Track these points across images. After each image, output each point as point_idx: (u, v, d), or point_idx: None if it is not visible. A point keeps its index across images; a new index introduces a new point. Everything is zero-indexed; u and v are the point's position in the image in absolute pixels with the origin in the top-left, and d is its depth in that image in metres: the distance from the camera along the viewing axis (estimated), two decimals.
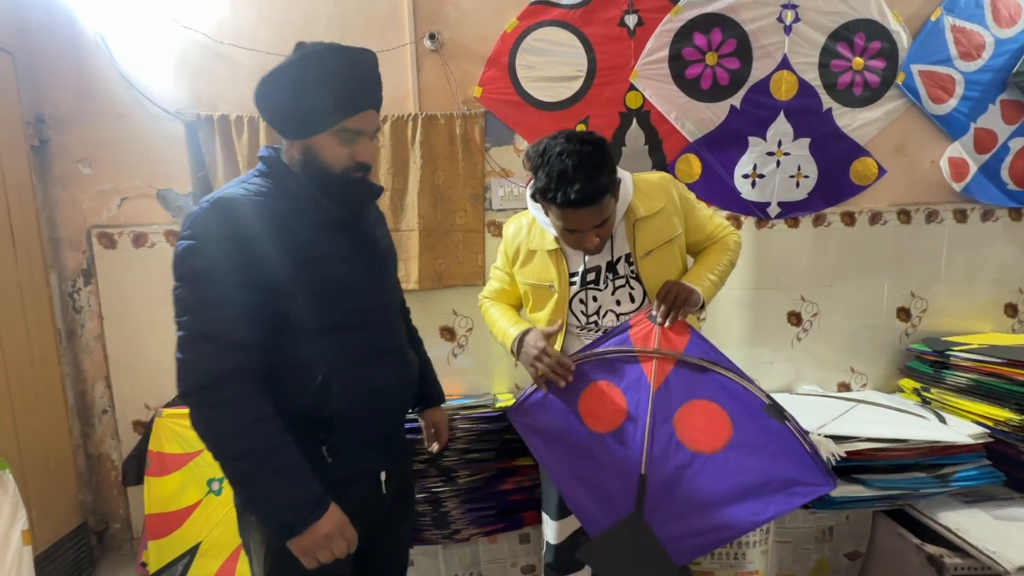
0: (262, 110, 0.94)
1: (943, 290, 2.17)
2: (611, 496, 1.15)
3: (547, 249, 1.27)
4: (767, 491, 1.08)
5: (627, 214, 1.24)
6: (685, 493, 1.11)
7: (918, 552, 1.50)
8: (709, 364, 1.14)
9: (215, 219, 0.88)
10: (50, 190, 1.97)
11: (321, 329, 0.93)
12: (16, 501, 1.42)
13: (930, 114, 2.05)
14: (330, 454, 0.94)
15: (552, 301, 1.29)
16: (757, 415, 1.10)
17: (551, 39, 1.96)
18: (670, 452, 1.13)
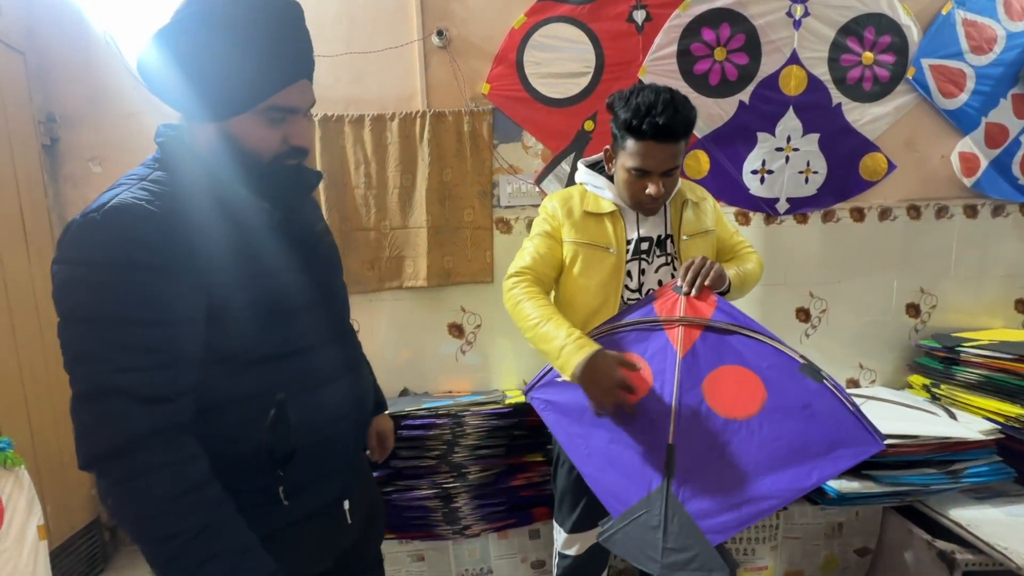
0: (149, 82, 0.72)
1: (953, 286, 2.15)
2: (638, 470, 1.05)
3: (605, 211, 1.27)
4: (809, 455, 0.98)
5: (675, 198, 1.29)
6: (718, 462, 1.01)
7: (929, 548, 1.50)
8: (738, 328, 1.08)
9: (107, 236, 0.66)
10: (61, 189, 1.98)
11: (265, 357, 0.76)
12: (31, 497, 1.44)
13: (940, 108, 2.04)
14: (287, 495, 0.78)
15: (608, 265, 1.25)
16: (793, 376, 1.03)
17: (559, 35, 1.95)
18: (700, 419, 1.04)
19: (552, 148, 2.04)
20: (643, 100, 1.12)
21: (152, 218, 0.67)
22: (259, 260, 0.76)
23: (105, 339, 0.66)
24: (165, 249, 0.67)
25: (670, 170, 1.17)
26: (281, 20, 0.71)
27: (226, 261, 0.72)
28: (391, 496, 1.50)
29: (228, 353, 0.74)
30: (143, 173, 0.74)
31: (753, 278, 1.35)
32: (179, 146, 0.76)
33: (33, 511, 1.43)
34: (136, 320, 0.66)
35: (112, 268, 0.66)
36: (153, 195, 0.69)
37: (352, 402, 0.88)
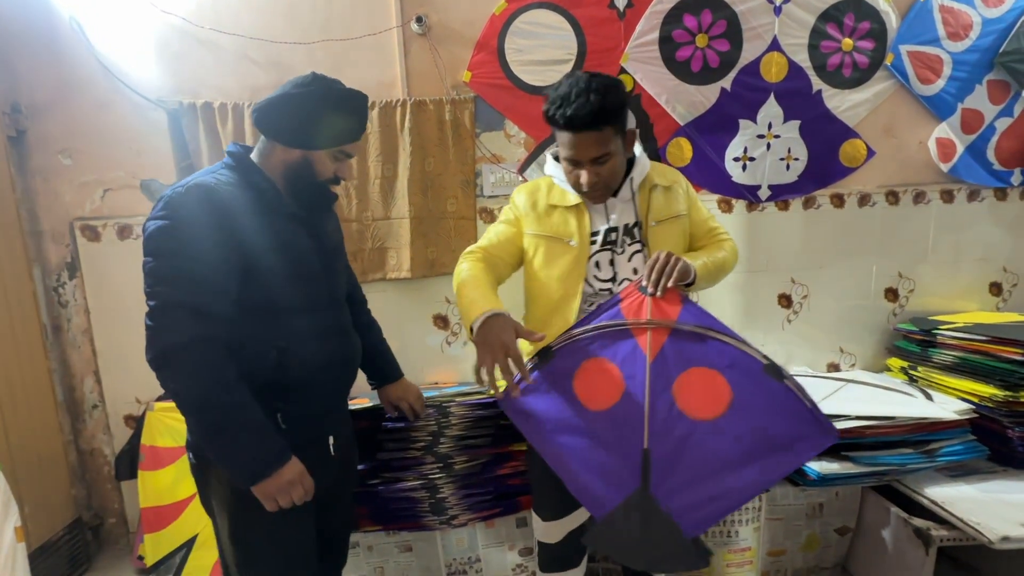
0: (268, 117, 1.05)
1: (930, 270, 2.20)
2: (615, 474, 1.12)
3: (570, 204, 1.26)
4: (772, 450, 1.07)
5: (644, 182, 1.27)
6: (690, 462, 1.09)
7: (905, 525, 1.54)
8: (704, 330, 1.12)
9: (191, 202, 0.97)
10: (30, 182, 1.92)
11: (279, 309, 1.04)
12: (7, 498, 1.40)
13: (918, 95, 2.06)
14: (284, 422, 1.04)
15: (569, 258, 1.25)
16: (756, 377, 1.09)
17: (540, 21, 1.93)
18: (671, 423, 1.10)
19: (535, 136, 2.02)
20: (560, 91, 1.12)
21: (217, 196, 0.99)
22: (284, 237, 1.05)
23: (177, 269, 0.94)
24: (221, 217, 0.97)
25: (598, 158, 1.15)
26: (359, 102, 1.10)
27: (261, 232, 1.01)
28: (377, 488, 1.50)
29: (248, 303, 1.00)
30: (216, 169, 1.06)
31: (725, 267, 1.31)
32: (244, 158, 1.08)
33: (9, 512, 1.40)
34: (198, 259, 0.95)
35: (187, 223, 0.95)
36: (220, 183, 1.01)
37: (340, 358, 1.14)
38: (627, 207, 1.27)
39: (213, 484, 1.07)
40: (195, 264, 0.94)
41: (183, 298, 0.93)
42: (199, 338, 0.93)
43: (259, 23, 1.88)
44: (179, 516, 1.85)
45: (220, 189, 1.00)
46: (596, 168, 1.16)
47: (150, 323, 0.95)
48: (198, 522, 1.85)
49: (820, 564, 1.79)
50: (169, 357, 0.93)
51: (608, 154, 1.15)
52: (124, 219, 1.95)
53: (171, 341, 0.93)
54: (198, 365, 0.93)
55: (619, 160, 1.19)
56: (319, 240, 1.12)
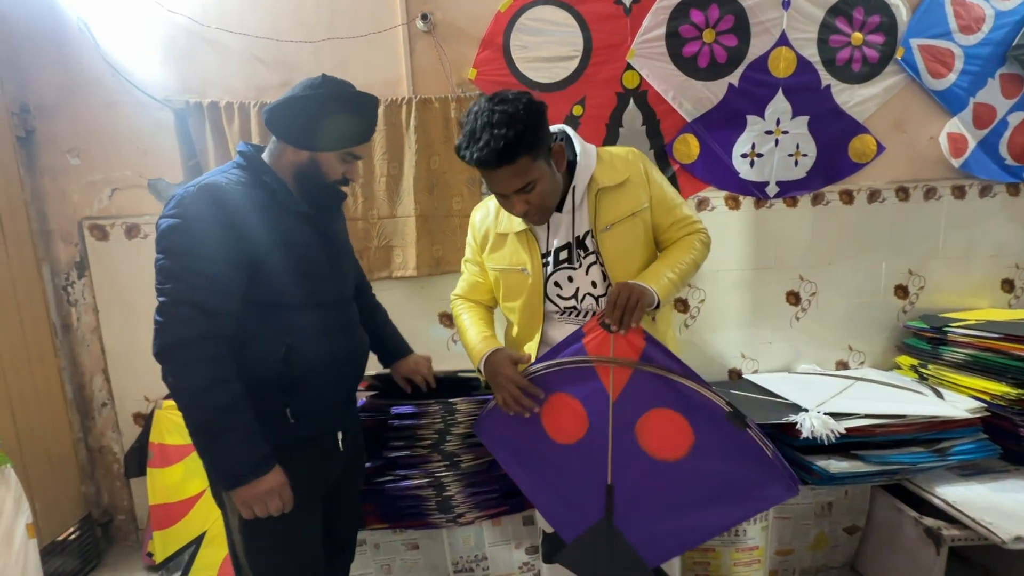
0: (278, 119, 1.06)
1: (941, 267, 2.17)
2: (581, 504, 1.17)
3: (516, 231, 1.24)
4: (732, 497, 1.09)
5: (590, 185, 1.20)
6: (652, 500, 1.13)
7: (916, 525, 1.52)
8: (666, 372, 1.10)
9: (202, 201, 0.98)
10: (38, 182, 1.94)
11: (287, 305, 1.06)
12: (19, 495, 1.42)
13: (929, 89, 2.04)
14: (293, 416, 1.07)
15: (526, 286, 1.25)
16: (719, 423, 1.07)
17: (546, 18, 1.92)
18: (634, 461, 1.13)
19: None
20: (467, 127, 1.08)
21: (227, 195, 1.00)
22: (293, 235, 1.06)
23: (186, 267, 0.96)
24: (230, 216, 0.99)
25: (521, 189, 1.10)
26: (369, 105, 1.11)
27: (271, 230, 1.03)
28: (384, 486, 1.50)
29: (258, 299, 1.03)
30: (227, 169, 1.08)
31: (693, 267, 1.24)
32: (255, 157, 1.09)
33: (21, 509, 1.42)
34: (207, 257, 0.96)
35: (197, 222, 0.97)
36: (231, 182, 1.03)
37: (347, 354, 1.16)
38: (574, 218, 1.22)
39: None
40: (204, 263, 0.96)
41: (190, 296, 0.96)
42: (202, 335, 0.96)
43: (265, 22, 1.88)
44: (187, 513, 1.86)
45: (230, 188, 1.01)
46: (524, 197, 1.12)
47: (158, 318, 0.97)
48: (206, 519, 1.86)
49: (829, 563, 1.77)
50: (171, 352, 0.96)
51: (531, 182, 1.10)
52: (132, 218, 1.96)
53: (175, 337, 0.96)
54: (197, 362, 0.96)
55: (548, 182, 1.13)
56: (327, 238, 1.14)
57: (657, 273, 1.18)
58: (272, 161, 1.10)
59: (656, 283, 1.14)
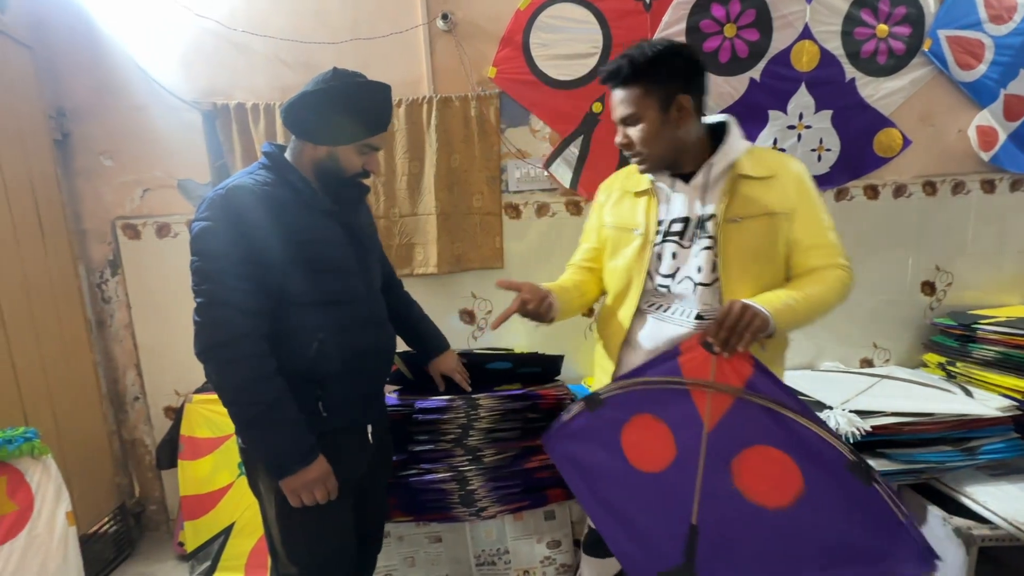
0: (294, 116, 1.08)
1: (969, 263, 2.12)
2: (657, 542, 1.01)
3: (640, 190, 1.20)
4: (846, 562, 0.89)
5: (730, 169, 1.11)
6: (744, 550, 0.95)
7: (944, 524, 1.50)
8: (776, 405, 0.92)
9: (231, 203, 1.02)
10: (74, 183, 2.00)
11: (317, 302, 1.08)
12: (59, 484, 1.48)
13: (958, 81, 1.99)
14: (325, 409, 1.10)
15: (633, 248, 1.18)
16: (836, 472, 0.89)
17: (565, 15, 1.92)
18: (727, 503, 0.95)
19: (560, 131, 2.02)
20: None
21: (254, 196, 1.03)
22: (319, 233, 1.09)
23: (220, 269, 1.00)
24: (261, 216, 1.02)
25: (625, 118, 1.10)
26: (382, 95, 1.11)
27: (298, 229, 1.05)
28: (409, 479, 1.53)
29: (290, 296, 1.05)
30: (251, 170, 1.11)
31: (822, 305, 1.07)
32: (279, 157, 1.12)
33: (61, 498, 1.47)
34: (239, 258, 1.00)
35: (228, 224, 1.00)
36: (258, 183, 1.05)
37: (376, 348, 1.19)
38: (701, 195, 1.13)
39: (261, 469, 1.12)
40: (236, 264, 1.00)
41: (226, 296, 0.99)
42: (240, 335, 0.99)
43: (289, 25, 1.92)
44: (217, 504, 1.92)
45: (257, 189, 1.04)
46: (625, 130, 1.11)
47: (197, 319, 1.01)
48: (235, 510, 1.91)
49: None
50: (212, 352, 1.00)
51: (635, 116, 1.08)
52: (162, 218, 2.02)
53: (215, 337, 0.99)
54: (237, 361, 1.00)
55: (655, 127, 1.08)
56: (353, 234, 1.16)
57: (779, 298, 1.04)
58: (294, 159, 1.12)
59: (771, 306, 1.00)
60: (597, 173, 2.04)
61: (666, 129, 1.09)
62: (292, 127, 1.10)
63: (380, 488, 1.32)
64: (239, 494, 1.91)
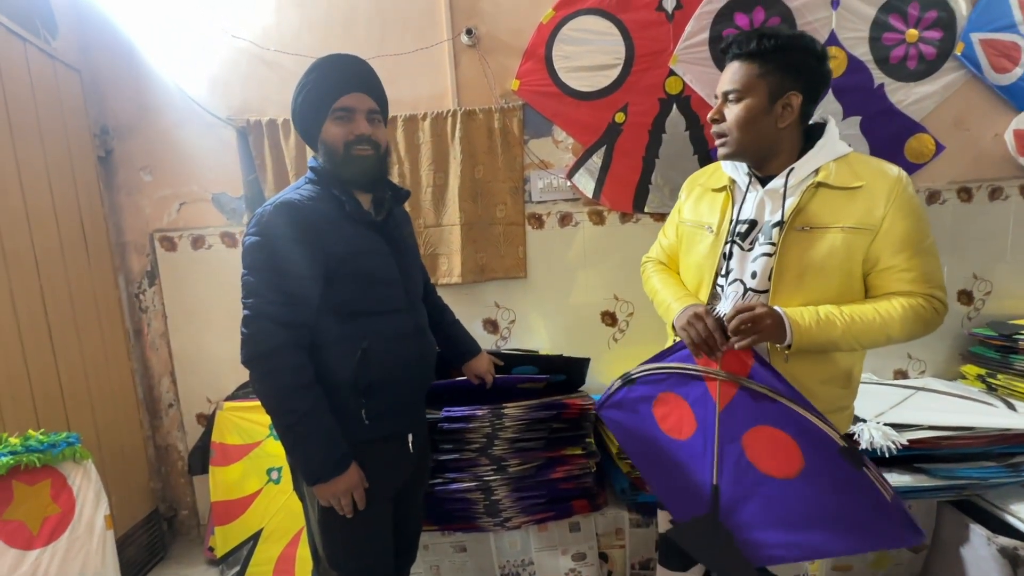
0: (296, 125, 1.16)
1: (1008, 271, 2.05)
2: (691, 496, 1.15)
3: (717, 186, 1.18)
4: (846, 527, 1.00)
5: (812, 176, 1.05)
6: (757, 510, 1.08)
7: (989, 544, 1.44)
8: (773, 393, 1.01)
9: (279, 219, 1.06)
10: (115, 197, 2.09)
11: (361, 312, 1.11)
12: (99, 488, 1.53)
13: (992, 84, 1.94)
14: (367, 417, 1.12)
15: (705, 245, 1.16)
16: (831, 455, 0.98)
17: (588, 28, 1.94)
18: (740, 470, 1.08)
19: (583, 142, 2.03)
20: None
21: (301, 211, 1.07)
22: (363, 244, 1.12)
23: (266, 282, 1.04)
24: (305, 231, 1.05)
25: (729, 92, 1.05)
26: (343, 61, 1.10)
27: (343, 242, 1.09)
28: (434, 488, 1.53)
29: (334, 307, 1.09)
30: (298, 185, 1.14)
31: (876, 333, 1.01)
32: (323, 171, 1.14)
33: (100, 502, 1.52)
34: (285, 272, 1.04)
35: (276, 239, 1.05)
36: (304, 198, 1.09)
37: (418, 357, 1.21)
38: (774, 200, 1.07)
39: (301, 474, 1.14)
40: (282, 278, 1.04)
41: (269, 310, 1.04)
42: (281, 346, 1.04)
43: (319, 43, 1.98)
44: (246, 510, 1.95)
45: (303, 205, 1.08)
46: (724, 106, 1.07)
47: (244, 331, 1.06)
48: (263, 516, 1.95)
49: None
50: (255, 362, 1.05)
51: (741, 93, 1.03)
52: (197, 230, 2.10)
53: (257, 349, 1.04)
54: (278, 372, 1.04)
55: (755, 111, 1.03)
56: (395, 245, 1.18)
57: (815, 313, 1.01)
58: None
59: (803, 323, 0.99)
60: (619, 183, 2.04)
61: (765, 120, 1.04)
62: (303, 137, 1.17)
63: (417, 497, 1.34)
64: (268, 500, 1.95)
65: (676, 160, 2.00)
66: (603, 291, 2.10)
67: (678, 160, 2.00)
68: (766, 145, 1.07)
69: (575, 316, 2.11)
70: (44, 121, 1.74)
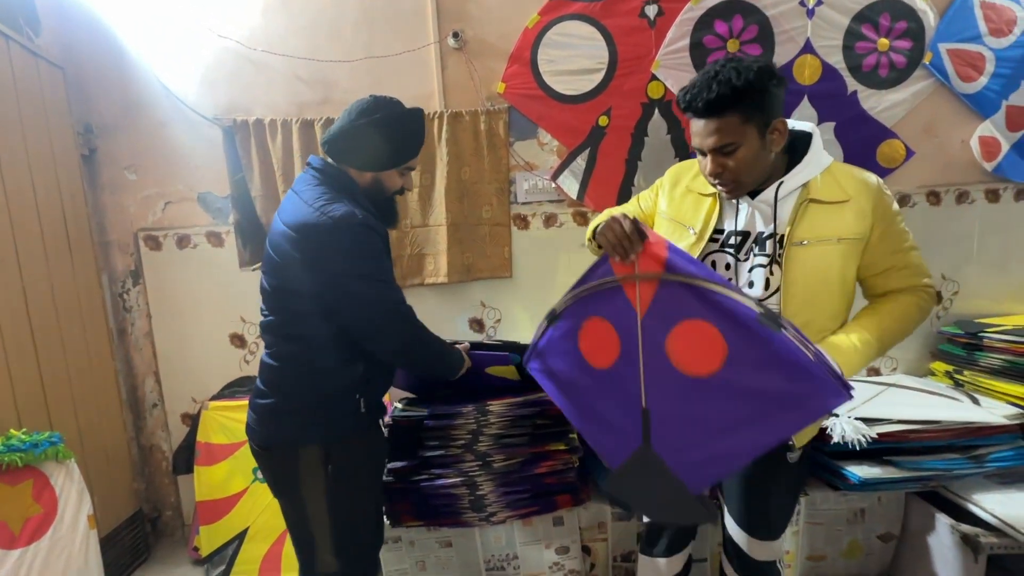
0: (339, 148, 1.22)
1: (975, 272, 2.14)
2: (622, 431, 1.10)
3: (706, 192, 1.19)
4: (776, 408, 0.97)
5: (801, 191, 1.10)
6: (689, 421, 1.04)
7: (952, 532, 1.50)
8: (691, 279, 1.01)
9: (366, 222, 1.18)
10: (99, 196, 2.08)
11: None
12: (81, 488, 1.53)
13: (959, 93, 2.02)
14: (364, 407, 1.25)
15: (686, 244, 1.18)
16: (752, 328, 0.96)
17: (572, 33, 1.99)
18: (667, 381, 1.04)
19: (567, 144, 2.07)
20: (694, 78, 1.06)
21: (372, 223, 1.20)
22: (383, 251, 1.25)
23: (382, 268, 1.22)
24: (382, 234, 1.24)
25: (722, 147, 1.05)
26: (418, 120, 1.26)
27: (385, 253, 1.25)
28: (420, 484, 1.56)
29: None
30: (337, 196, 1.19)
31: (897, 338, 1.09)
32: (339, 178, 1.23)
33: (83, 501, 1.52)
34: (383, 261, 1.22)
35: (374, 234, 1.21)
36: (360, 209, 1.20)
37: None
38: (765, 213, 1.12)
39: (303, 467, 1.21)
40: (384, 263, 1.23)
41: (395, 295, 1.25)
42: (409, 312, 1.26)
43: (306, 44, 2.00)
44: (232, 509, 1.96)
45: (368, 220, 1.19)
46: (720, 159, 1.07)
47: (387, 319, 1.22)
48: (249, 515, 1.95)
49: (864, 572, 1.76)
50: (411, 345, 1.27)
51: (733, 144, 1.05)
52: (183, 229, 2.09)
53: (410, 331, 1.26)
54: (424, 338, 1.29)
55: (752, 153, 1.06)
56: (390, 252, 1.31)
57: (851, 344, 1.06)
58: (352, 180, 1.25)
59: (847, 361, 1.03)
60: (603, 185, 2.09)
61: (764, 155, 1.08)
62: (339, 156, 1.23)
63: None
64: (253, 499, 1.95)
65: (658, 163, 2.05)
66: None
67: (660, 163, 2.04)
68: (766, 171, 1.11)
69: None
70: (27, 119, 1.73)
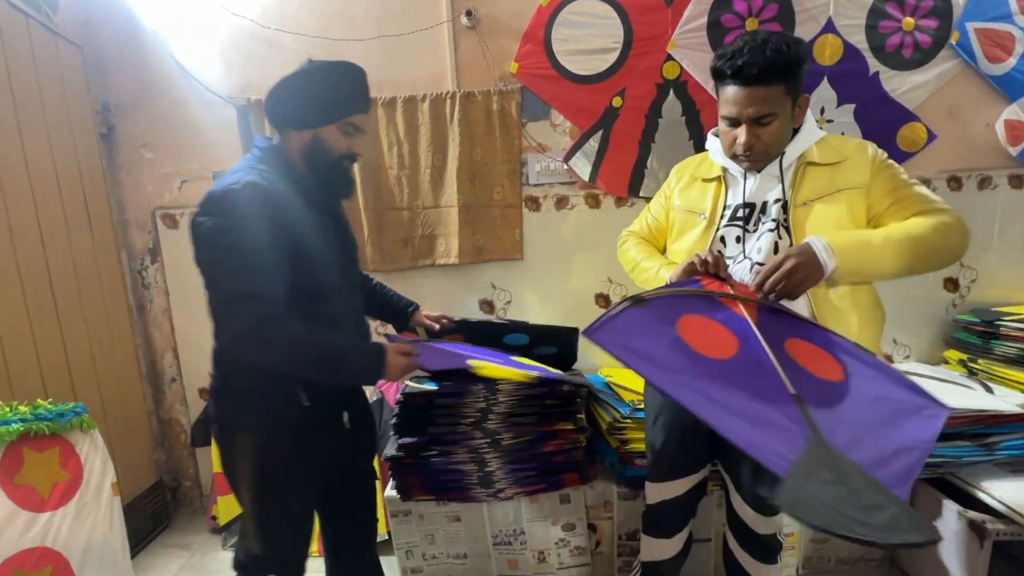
0: (273, 106, 1.11)
1: (995, 259, 2.09)
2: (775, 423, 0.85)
3: (709, 177, 1.25)
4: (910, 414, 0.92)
5: (800, 157, 1.17)
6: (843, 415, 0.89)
7: (959, 518, 1.50)
8: (787, 310, 1.03)
9: (242, 200, 1.00)
10: (117, 174, 2.12)
11: (308, 293, 1.09)
12: (105, 456, 1.59)
13: (986, 74, 1.96)
14: (307, 399, 1.12)
15: (697, 231, 1.23)
16: (850, 351, 0.97)
17: (587, 11, 1.95)
18: (803, 376, 0.93)
19: (580, 125, 2.05)
20: (734, 44, 1.07)
21: (266, 191, 1.03)
22: (316, 226, 1.10)
23: (236, 263, 0.99)
24: (276, 211, 1.03)
25: (760, 118, 1.07)
26: (360, 76, 1.12)
27: (299, 223, 1.07)
28: (430, 460, 1.59)
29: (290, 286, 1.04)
30: (252, 164, 1.09)
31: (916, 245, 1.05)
32: (273, 151, 1.12)
33: (107, 470, 1.58)
34: (255, 252, 0.99)
35: (245, 219, 0.99)
36: (263, 179, 1.04)
37: (355, 337, 1.19)
38: (768, 183, 1.17)
39: (237, 454, 1.15)
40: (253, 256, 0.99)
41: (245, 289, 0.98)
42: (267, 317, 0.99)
43: (319, 23, 1.99)
44: None
45: (263, 184, 1.03)
46: (756, 129, 1.09)
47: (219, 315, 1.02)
48: None
49: (867, 555, 1.77)
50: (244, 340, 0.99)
51: (772, 114, 1.08)
52: None
53: (244, 327, 0.99)
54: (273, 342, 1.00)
55: (783, 125, 1.10)
56: (340, 228, 1.20)
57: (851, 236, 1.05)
58: (287, 151, 1.12)
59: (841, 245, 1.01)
60: (616, 167, 2.07)
61: (789, 129, 1.13)
62: (276, 118, 1.11)
63: (365, 469, 1.35)
64: None
65: (672, 145, 2.03)
66: (598, 274, 2.14)
67: (674, 145, 2.03)
68: (785, 145, 1.16)
69: (570, 297, 2.16)
70: (47, 97, 1.75)
